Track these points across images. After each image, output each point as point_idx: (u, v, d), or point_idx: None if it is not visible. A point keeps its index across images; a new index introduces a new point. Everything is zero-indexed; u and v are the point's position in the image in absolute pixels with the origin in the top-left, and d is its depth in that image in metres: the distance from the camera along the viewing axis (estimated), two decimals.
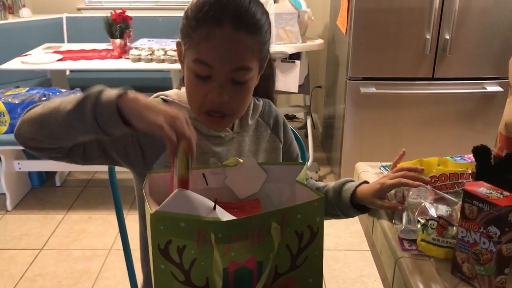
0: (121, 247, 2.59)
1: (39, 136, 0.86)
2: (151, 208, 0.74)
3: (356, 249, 2.56)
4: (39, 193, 3.08)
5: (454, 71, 2.83)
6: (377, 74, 2.84)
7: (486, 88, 2.85)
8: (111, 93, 0.80)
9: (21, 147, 2.75)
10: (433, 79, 2.85)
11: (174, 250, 0.75)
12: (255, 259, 0.79)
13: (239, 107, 0.99)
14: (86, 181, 3.23)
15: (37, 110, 0.86)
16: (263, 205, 0.92)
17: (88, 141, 0.92)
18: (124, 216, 2.98)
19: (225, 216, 0.77)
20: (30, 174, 3.10)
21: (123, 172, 3.51)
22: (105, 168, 3.50)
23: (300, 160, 1.25)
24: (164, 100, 1.06)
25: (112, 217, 2.82)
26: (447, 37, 2.73)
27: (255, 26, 0.94)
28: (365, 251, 2.48)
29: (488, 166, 1.01)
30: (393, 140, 2.95)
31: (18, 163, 2.89)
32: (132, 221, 2.73)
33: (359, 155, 2.96)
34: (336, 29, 3.13)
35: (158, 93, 1.08)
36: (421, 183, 1.00)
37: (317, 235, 0.81)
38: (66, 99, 0.84)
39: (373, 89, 2.83)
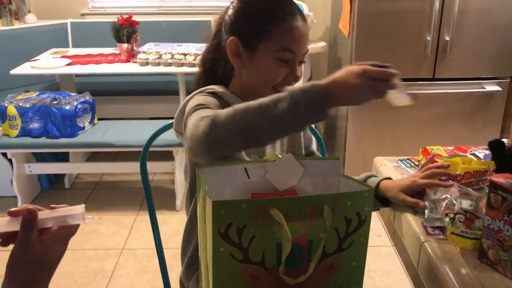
0: (133, 246, 2.67)
1: (238, 140, 0.92)
2: (210, 198, 0.82)
3: None
4: (49, 195, 3.13)
5: (454, 71, 2.91)
6: None
7: (485, 88, 2.93)
8: (306, 88, 0.89)
9: (31, 150, 2.85)
10: (433, 79, 2.93)
11: (234, 231, 0.83)
12: (306, 237, 0.87)
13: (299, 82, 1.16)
14: (95, 183, 3.28)
15: (232, 118, 0.90)
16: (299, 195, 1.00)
17: None
18: (134, 216, 3.04)
19: None
20: (39, 176, 3.15)
21: (130, 174, 3.55)
22: (112, 169, 3.54)
23: (314, 147, 1.38)
24: (213, 93, 1.14)
25: (122, 218, 2.88)
26: (447, 38, 2.81)
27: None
28: (372, 247, 2.56)
29: (504, 157, 1.09)
30: (396, 140, 3.02)
31: (29, 166, 2.93)
32: (143, 221, 2.81)
33: (362, 155, 3.04)
34: (338, 32, 3.21)
35: (203, 88, 1.16)
36: (453, 183, 1.08)
37: (364, 223, 0.89)
38: (255, 105, 0.90)
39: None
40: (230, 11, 1.18)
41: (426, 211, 1.08)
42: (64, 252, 0.77)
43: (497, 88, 2.93)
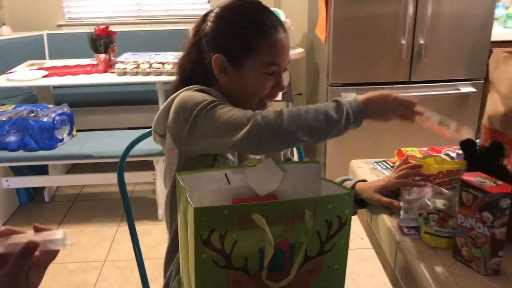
0: (115, 258, 2.65)
1: (305, 136, 1.02)
2: (192, 203, 0.82)
3: None
4: (28, 209, 3.08)
5: (429, 74, 2.97)
6: (357, 80, 2.96)
7: (460, 89, 2.99)
8: (351, 100, 1.06)
9: (8, 164, 2.81)
10: (410, 82, 2.98)
11: (216, 237, 0.84)
12: (288, 241, 0.89)
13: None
14: (75, 196, 3.25)
15: (299, 117, 1.01)
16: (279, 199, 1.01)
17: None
18: (116, 228, 3.02)
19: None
20: (17, 190, 3.10)
21: (111, 185, 3.52)
22: (92, 181, 3.49)
23: (291, 153, 1.38)
24: (201, 90, 1.15)
25: (104, 229, 2.85)
26: (422, 42, 2.86)
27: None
28: (355, 250, 2.57)
29: (475, 156, 1.11)
30: (375, 143, 3.06)
31: (7, 180, 2.89)
32: (125, 232, 2.78)
33: (342, 158, 3.05)
34: (315, 38, 3.24)
35: (189, 87, 1.17)
36: (426, 183, 1.10)
37: (345, 225, 0.91)
38: (316, 109, 1.03)
39: (353, 94, 2.94)
40: (210, 25, 1.18)
41: (401, 211, 1.10)
42: (42, 278, 0.76)
43: (471, 89, 2.99)
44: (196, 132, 1.06)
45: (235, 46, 1.14)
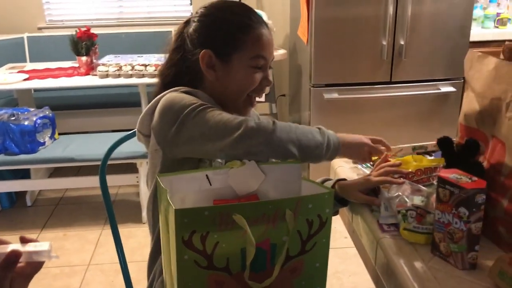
0: (99, 261, 2.63)
1: (294, 148, 1.06)
2: (173, 205, 0.82)
3: (331, 247, 2.67)
4: (10, 214, 3.05)
5: (410, 74, 3.01)
6: (339, 80, 2.98)
7: (440, 89, 3.04)
8: (331, 133, 1.13)
9: None
10: (390, 82, 3.02)
11: (198, 239, 0.84)
12: (270, 241, 0.89)
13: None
14: (58, 199, 3.22)
15: (290, 130, 1.06)
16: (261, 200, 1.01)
17: None
18: (100, 231, 3.00)
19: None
20: None
21: (94, 189, 3.50)
22: (75, 184, 3.46)
23: None
24: (187, 92, 1.14)
25: (87, 233, 2.83)
26: (402, 42, 2.90)
27: None
28: (339, 249, 2.59)
29: (452, 153, 1.14)
30: None
31: None
32: (108, 235, 2.77)
33: None
34: (297, 39, 3.26)
35: (176, 88, 1.17)
36: (404, 180, 1.12)
37: (325, 224, 0.92)
38: (304, 127, 1.09)
39: (335, 95, 2.97)
40: (194, 25, 1.19)
41: (381, 209, 1.12)
42: None
43: (451, 88, 3.04)
44: (183, 135, 1.06)
45: (222, 41, 1.16)
